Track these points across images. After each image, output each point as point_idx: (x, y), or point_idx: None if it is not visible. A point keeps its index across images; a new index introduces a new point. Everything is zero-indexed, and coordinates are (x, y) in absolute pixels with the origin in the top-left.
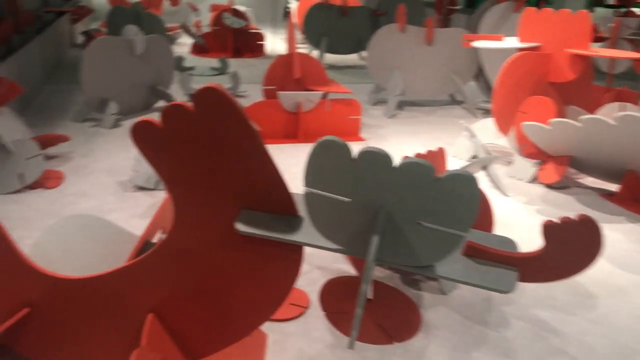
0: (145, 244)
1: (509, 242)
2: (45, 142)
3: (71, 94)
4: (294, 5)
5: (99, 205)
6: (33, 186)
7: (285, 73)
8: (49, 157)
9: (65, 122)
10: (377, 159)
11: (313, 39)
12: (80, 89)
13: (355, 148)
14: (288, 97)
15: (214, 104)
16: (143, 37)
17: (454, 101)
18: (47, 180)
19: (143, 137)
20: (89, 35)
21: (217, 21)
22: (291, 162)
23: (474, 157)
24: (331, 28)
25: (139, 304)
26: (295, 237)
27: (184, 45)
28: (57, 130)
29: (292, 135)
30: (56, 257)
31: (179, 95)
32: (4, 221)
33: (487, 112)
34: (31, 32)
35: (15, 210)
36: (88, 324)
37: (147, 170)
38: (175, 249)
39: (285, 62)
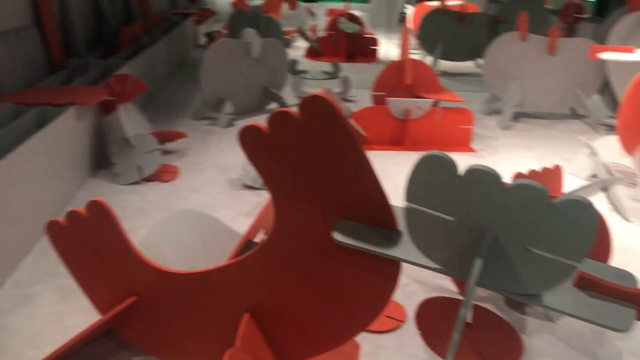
0: (247, 244)
1: (628, 277)
2: (164, 137)
3: (191, 92)
4: (410, 11)
5: (209, 201)
6: (150, 179)
7: (397, 79)
8: (166, 152)
9: (183, 119)
10: (485, 178)
11: (428, 45)
12: (200, 88)
13: (464, 162)
14: (397, 104)
15: (319, 112)
16: (261, 40)
17: (575, 115)
18: (163, 174)
19: (249, 141)
20: (211, 37)
21: (332, 26)
22: (395, 170)
23: (594, 176)
24: (447, 34)
25: (237, 303)
26: (394, 252)
27: (299, 48)
28: (176, 127)
29: (398, 142)
30: (164, 249)
31: (290, 98)
32: (123, 210)
33: (611, 129)
34: (158, 32)
35: (133, 201)
36: (187, 318)
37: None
38: (274, 252)
39: (397, 68)
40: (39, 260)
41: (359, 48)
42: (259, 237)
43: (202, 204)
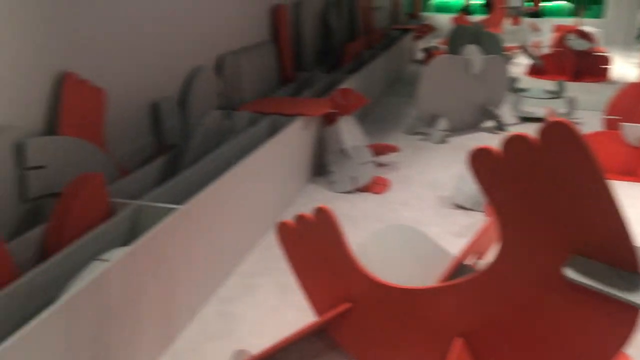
0: (459, 266)
1: None
2: (378, 150)
3: (405, 107)
4: None
5: (417, 216)
6: (362, 189)
7: (635, 103)
8: (379, 165)
9: (396, 133)
10: None
11: None
12: (414, 103)
13: None
14: (634, 130)
15: (562, 139)
16: (481, 57)
17: None
18: (374, 186)
19: (481, 164)
20: (428, 52)
21: (559, 42)
22: (626, 203)
23: None
24: None
25: (449, 326)
26: (635, 298)
27: (519, 65)
28: (389, 140)
29: (631, 172)
30: (376, 261)
31: (508, 117)
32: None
33: None
34: (379, 48)
35: (345, 209)
36: (397, 332)
37: (468, 190)
38: (495, 280)
39: (636, 91)
40: (263, 255)
41: (588, 67)
42: (472, 261)
43: (410, 218)
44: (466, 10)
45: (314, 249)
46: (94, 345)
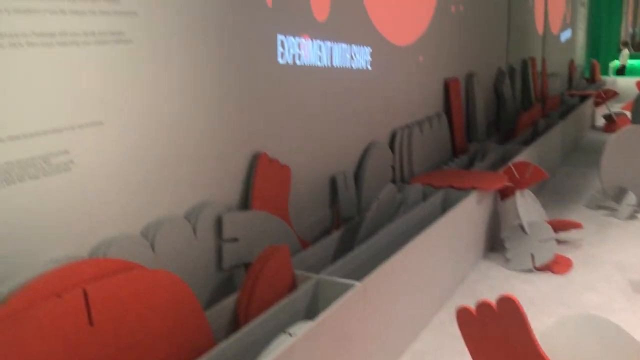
0: None
1: None
2: (558, 226)
3: (585, 177)
4: None
5: (605, 301)
6: (542, 268)
7: None
8: (559, 242)
9: (577, 206)
10: None
11: None
12: (597, 174)
13: None
14: None
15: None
16: None
17: None
18: (555, 266)
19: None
20: (610, 119)
21: None
22: None
23: None
24: None
25: None
26: None
27: None
28: (569, 215)
29: None
30: (562, 355)
31: None
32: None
33: None
34: (555, 116)
35: (524, 290)
36: None
37: None
38: None
39: None
40: (436, 333)
41: None
42: None
43: (597, 303)
44: None
45: (496, 337)
46: None
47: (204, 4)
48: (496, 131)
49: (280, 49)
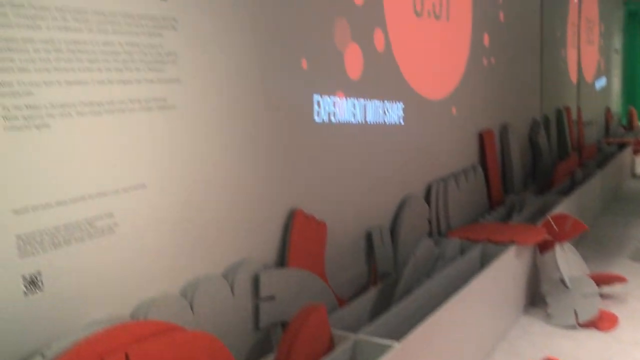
0: None
1: None
2: (601, 280)
3: (627, 227)
4: None
5: None
6: (585, 325)
7: None
8: (603, 296)
9: (621, 259)
10: None
11: None
12: None
13: None
14: None
15: None
16: None
17: None
18: (600, 321)
19: None
20: None
21: None
22: None
23: None
24: None
25: None
26: None
27: None
28: (612, 267)
29: None
30: None
31: None
32: (557, 356)
33: None
34: (592, 165)
35: (567, 347)
36: None
37: None
38: None
39: None
40: None
41: None
42: None
43: None
44: None
45: None
46: None
47: (243, 70)
48: (533, 182)
49: (316, 107)
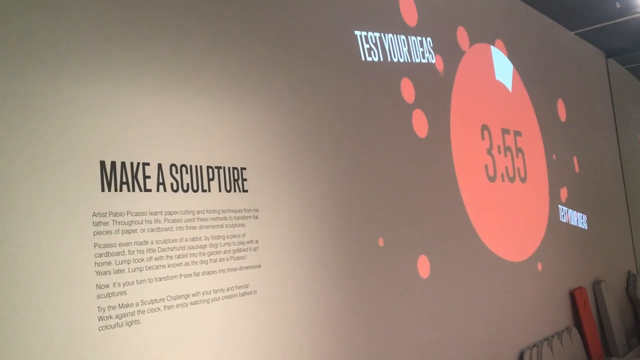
0: None
1: None
2: None
3: None
4: None
5: None
6: None
7: None
8: None
9: None
10: None
11: None
12: None
13: None
14: None
15: None
16: None
17: None
18: None
19: None
20: None
21: None
22: None
23: None
24: None
25: None
26: None
27: None
28: None
29: None
30: None
31: None
32: None
33: None
34: None
35: None
36: None
37: None
38: None
39: None
40: None
41: None
42: None
43: None
44: None
45: None
46: None
47: (316, 253)
48: (638, 341)
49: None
